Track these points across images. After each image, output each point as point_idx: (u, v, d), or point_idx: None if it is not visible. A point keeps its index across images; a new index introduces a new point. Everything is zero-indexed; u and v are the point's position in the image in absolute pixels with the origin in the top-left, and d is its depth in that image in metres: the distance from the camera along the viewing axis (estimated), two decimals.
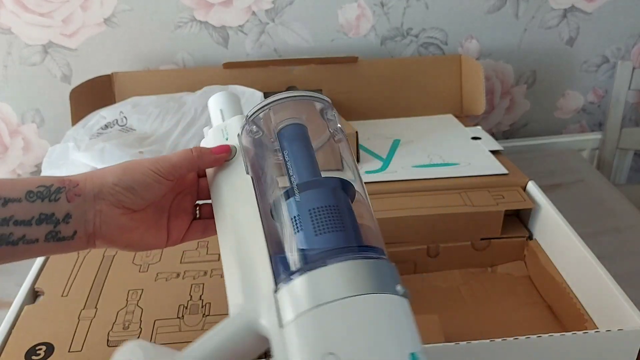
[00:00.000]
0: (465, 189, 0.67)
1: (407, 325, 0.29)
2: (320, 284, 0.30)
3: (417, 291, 0.63)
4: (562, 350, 0.46)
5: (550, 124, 1.04)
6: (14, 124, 0.93)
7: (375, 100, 0.90)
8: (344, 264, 0.30)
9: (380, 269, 0.31)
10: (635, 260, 0.67)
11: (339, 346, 0.27)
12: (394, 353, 0.27)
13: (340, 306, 0.28)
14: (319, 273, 0.30)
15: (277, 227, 0.34)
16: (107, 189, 0.36)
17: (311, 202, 0.33)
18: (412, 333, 0.29)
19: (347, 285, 0.29)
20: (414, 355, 0.27)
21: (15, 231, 0.32)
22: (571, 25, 0.95)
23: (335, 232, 0.32)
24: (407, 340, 0.28)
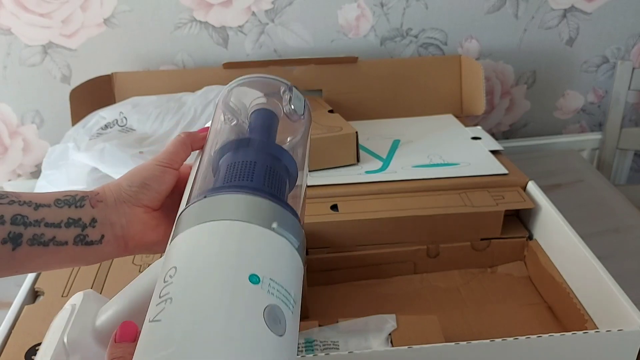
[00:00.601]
0: (465, 189, 0.67)
1: (262, 252, 0.29)
2: (192, 213, 0.31)
3: (416, 291, 0.63)
4: (562, 351, 0.46)
5: (550, 124, 1.04)
6: (13, 125, 0.93)
7: (375, 100, 0.90)
8: (222, 195, 0.32)
9: (260, 205, 0.32)
10: (635, 260, 0.67)
11: (182, 261, 0.28)
12: (229, 273, 0.27)
13: (195, 229, 0.30)
14: (206, 201, 0.32)
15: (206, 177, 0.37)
16: (124, 192, 0.39)
17: (235, 157, 0.36)
18: (265, 259, 0.29)
19: (211, 212, 0.31)
20: (254, 276, 0.27)
21: (46, 232, 0.35)
22: (571, 25, 0.95)
23: (244, 179, 0.34)
24: (253, 264, 0.28)
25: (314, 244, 0.62)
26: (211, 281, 0.27)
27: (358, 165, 0.72)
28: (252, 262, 0.28)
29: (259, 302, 0.26)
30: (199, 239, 0.30)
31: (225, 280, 0.27)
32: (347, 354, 0.44)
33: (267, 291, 0.27)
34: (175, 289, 0.27)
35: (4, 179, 0.96)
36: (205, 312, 0.25)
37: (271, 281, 0.27)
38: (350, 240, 0.63)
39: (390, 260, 0.64)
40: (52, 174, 0.68)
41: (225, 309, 0.25)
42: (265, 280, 0.27)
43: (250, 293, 0.26)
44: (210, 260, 0.28)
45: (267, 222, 0.30)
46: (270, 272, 0.28)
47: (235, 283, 0.26)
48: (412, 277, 0.65)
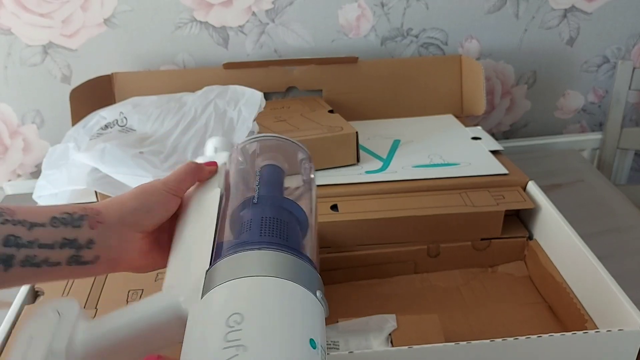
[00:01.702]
0: (465, 189, 0.67)
1: (315, 319, 0.31)
2: (244, 262, 0.32)
3: (417, 291, 0.63)
4: (562, 350, 0.46)
5: (550, 124, 1.04)
6: (14, 125, 0.93)
7: (375, 100, 0.90)
8: (272, 252, 0.33)
9: (305, 269, 0.34)
10: (635, 260, 0.67)
11: (246, 309, 0.29)
12: (297, 332, 0.29)
13: (256, 280, 0.31)
14: (246, 254, 0.33)
15: (229, 231, 0.38)
16: (129, 215, 0.38)
17: (266, 211, 0.37)
18: (318, 326, 0.31)
19: (268, 267, 0.32)
20: (312, 341, 0.29)
21: (38, 254, 0.34)
22: (571, 25, 0.94)
23: (276, 236, 0.35)
24: (312, 329, 0.30)
25: None
26: (283, 338, 0.29)
27: (358, 165, 0.72)
28: (312, 327, 0.30)
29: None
30: (262, 290, 0.31)
31: (295, 340, 0.29)
32: (347, 354, 0.44)
33: (320, 356, 0.29)
34: (248, 337, 0.28)
35: (4, 178, 0.96)
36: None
37: (321, 347, 0.30)
38: (351, 240, 0.63)
39: (391, 260, 0.64)
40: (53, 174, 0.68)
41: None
42: (319, 346, 0.29)
43: (310, 356, 0.29)
44: (281, 318, 0.30)
45: (313, 288, 0.32)
46: (322, 339, 0.30)
47: (302, 345, 0.29)
48: (413, 276, 0.65)
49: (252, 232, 0.36)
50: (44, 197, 0.67)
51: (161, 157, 0.65)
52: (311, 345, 0.29)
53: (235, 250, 0.34)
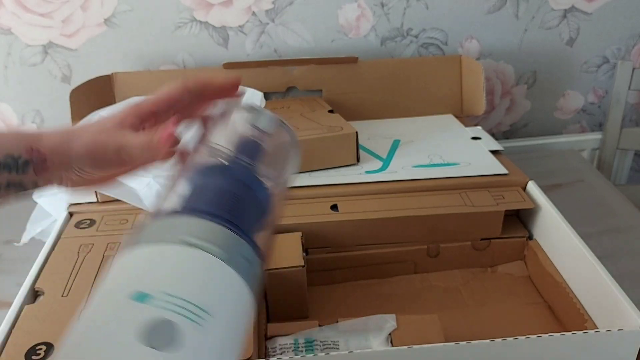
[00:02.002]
0: (465, 189, 0.67)
1: (160, 268, 0.28)
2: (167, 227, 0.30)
3: (417, 291, 0.63)
4: (562, 350, 0.46)
5: (550, 124, 1.04)
6: (14, 125, 0.93)
7: (375, 100, 0.90)
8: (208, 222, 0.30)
9: (244, 252, 0.31)
10: (635, 260, 0.67)
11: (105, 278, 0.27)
12: (112, 290, 0.27)
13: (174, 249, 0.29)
14: (173, 220, 0.31)
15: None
16: (75, 170, 0.37)
17: (225, 181, 0.34)
18: (161, 276, 0.27)
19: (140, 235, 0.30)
20: (140, 294, 0.25)
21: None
22: (571, 25, 0.95)
23: (225, 210, 0.32)
24: (145, 281, 0.26)
25: (314, 244, 0.62)
26: (96, 299, 0.26)
27: (358, 165, 0.72)
28: (142, 279, 0.27)
29: (138, 318, 0.24)
30: (119, 262, 0.29)
31: (103, 299, 0.26)
32: (347, 354, 0.44)
33: (156, 306, 0.25)
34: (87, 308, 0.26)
35: None
36: (84, 326, 0.25)
37: (167, 296, 0.26)
38: (350, 240, 0.63)
39: (391, 260, 0.64)
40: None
41: (97, 327, 0.25)
42: (157, 296, 0.25)
43: (129, 310, 0.25)
44: (106, 280, 0.27)
45: (176, 237, 0.29)
46: (168, 287, 0.26)
47: (112, 301, 0.26)
48: (413, 276, 0.65)
49: (197, 197, 0.33)
50: (44, 197, 0.67)
51: None
52: (134, 299, 0.25)
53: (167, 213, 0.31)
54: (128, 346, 0.23)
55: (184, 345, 0.24)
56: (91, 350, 0.24)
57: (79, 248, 0.60)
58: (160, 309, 0.25)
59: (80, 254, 0.59)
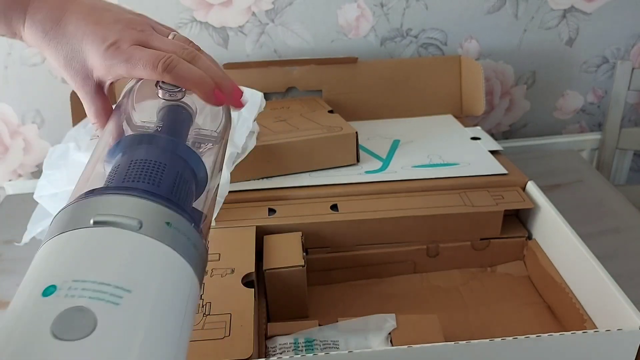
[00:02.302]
0: (464, 189, 0.67)
1: (68, 255, 0.26)
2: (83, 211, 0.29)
3: (416, 291, 0.63)
4: (561, 350, 0.46)
5: (549, 124, 1.04)
6: (14, 125, 0.93)
7: (375, 100, 0.90)
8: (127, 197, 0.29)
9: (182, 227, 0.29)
10: (634, 260, 0.67)
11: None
12: (29, 287, 0.25)
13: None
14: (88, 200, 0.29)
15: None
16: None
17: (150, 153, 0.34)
18: (69, 263, 0.26)
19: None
20: (50, 287, 0.24)
21: None
22: (571, 25, 0.95)
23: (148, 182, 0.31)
24: (55, 272, 0.25)
25: (314, 243, 0.62)
26: (12, 301, 0.25)
27: (358, 165, 0.72)
28: (51, 272, 0.25)
29: (49, 313, 0.23)
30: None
31: (18, 300, 0.25)
32: (347, 353, 0.44)
33: (64, 296, 0.24)
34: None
35: (4, 178, 0.96)
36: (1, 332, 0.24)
37: (74, 282, 0.24)
38: (350, 240, 0.63)
39: (390, 259, 0.65)
40: (53, 174, 0.68)
41: (13, 330, 0.24)
42: (63, 286, 0.24)
43: (40, 307, 0.24)
44: (25, 278, 0.26)
45: (87, 219, 0.27)
46: (75, 273, 0.25)
47: (26, 301, 0.25)
48: (412, 276, 0.65)
49: (116, 176, 0.32)
50: (44, 197, 0.67)
51: None
52: (44, 294, 0.24)
53: (85, 195, 0.29)
54: (44, 345, 0.22)
55: (98, 327, 0.23)
56: (9, 354, 0.22)
57: None
58: (69, 297, 0.24)
59: None
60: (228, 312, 0.49)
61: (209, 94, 0.37)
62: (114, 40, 0.37)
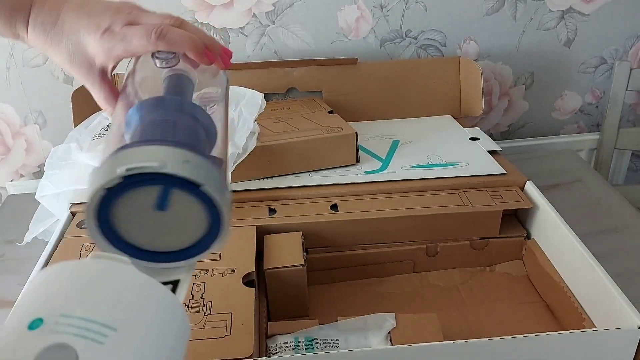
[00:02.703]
0: (463, 189, 0.67)
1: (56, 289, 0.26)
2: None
3: (416, 290, 0.64)
4: (560, 349, 0.46)
5: (548, 125, 1.05)
6: (16, 125, 0.93)
7: (374, 101, 0.90)
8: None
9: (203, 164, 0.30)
10: (633, 259, 0.67)
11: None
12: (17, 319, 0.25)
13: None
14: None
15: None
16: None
17: (160, 114, 0.36)
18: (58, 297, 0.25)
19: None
20: (37, 320, 0.24)
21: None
22: (569, 26, 0.95)
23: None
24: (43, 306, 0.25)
25: (314, 243, 0.63)
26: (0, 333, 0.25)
27: (358, 166, 0.72)
28: (39, 304, 0.25)
29: (33, 347, 0.23)
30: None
31: (6, 333, 0.24)
32: (347, 352, 0.44)
33: (49, 331, 0.23)
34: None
35: (6, 179, 0.97)
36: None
37: (61, 317, 0.24)
38: (350, 239, 0.64)
39: (390, 259, 0.65)
40: (55, 174, 0.68)
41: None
42: (49, 320, 0.24)
43: (25, 340, 0.23)
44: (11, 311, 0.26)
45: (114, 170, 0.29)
46: (63, 308, 0.24)
47: (13, 334, 0.24)
48: (412, 276, 0.66)
49: (132, 137, 0.34)
50: (46, 197, 0.68)
51: None
52: (30, 327, 0.23)
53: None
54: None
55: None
56: None
57: (82, 248, 0.60)
58: (54, 333, 0.23)
59: (83, 254, 0.59)
60: (229, 311, 0.49)
61: (200, 53, 0.40)
62: (107, 26, 0.40)
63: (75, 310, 0.24)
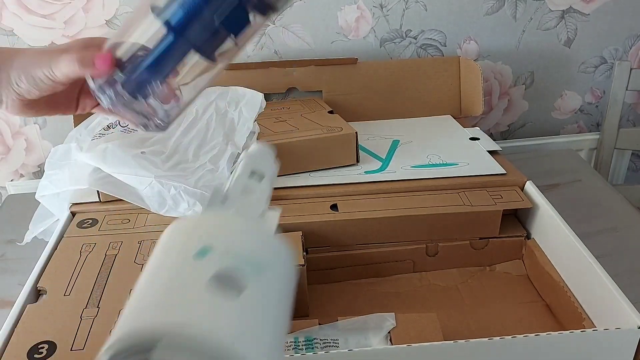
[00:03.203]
0: (463, 188, 0.67)
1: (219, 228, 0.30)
2: None
3: (416, 290, 0.64)
4: (560, 349, 0.46)
5: (548, 125, 1.05)
6: (16, 125, 0.93)
7: (374, 101, 0.90)
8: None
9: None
10: (632, 259, 0.67)
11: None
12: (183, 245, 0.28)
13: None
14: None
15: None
16: (13, 86, 0.41)
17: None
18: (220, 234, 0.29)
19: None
20: (204, 248, 0.27)
21: None
22: (569, 26, 0.95)
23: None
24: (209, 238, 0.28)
25: (314, 243, 0.63)
26: (160, 261, 0.28)
27: (358, 166, 0.72)
28: (207, 237, 0.28)
29: (204, 270, 0.26)
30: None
31: (169, 259, 0.28)
32: (347, 352, 0.44)
33: (217, 257, 0.27)
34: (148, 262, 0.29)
35: (6, 178, 0.97)
36: (154, 286, 0.26)
37: (228, 251, 0.28)
38: (350, 239, 0.64)
39: (390, 259, 0.65)
40: (55, 174, 0.68)
41: (168, 283, 0.26)
42: (216, 248, 0.27)
43: (195, 262, 0.27)
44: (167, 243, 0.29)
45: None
46: (227, 243, 0.28)
47: (178, 259, 0.28)
48: (411, 275, 0.66)
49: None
50: (46, 197, 0.68)
51: (163, 157, 0.66)
52: (199, 254, 0.27)
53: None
54: (198, 297, 0.25)
55: (243, 293, 0.26)
56: (164, 305, 0.25)
57: (81, 247, 0.60)
58: (223, 260, 0.27)
59: (83, 254, 0.60)
60: None
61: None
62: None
63: (236, 247, 0.28)
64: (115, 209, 0.67)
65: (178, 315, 0.24)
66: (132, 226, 0.64)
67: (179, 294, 0.25)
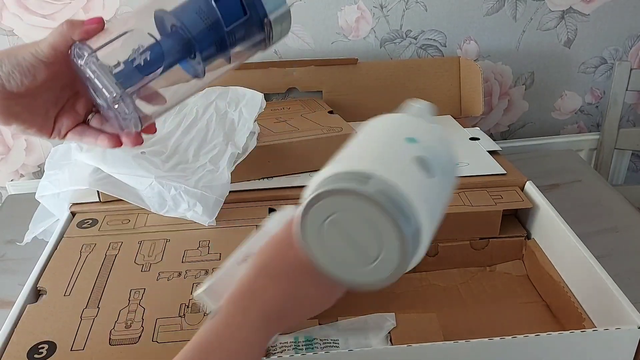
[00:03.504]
0: (464, 189, 0.67)
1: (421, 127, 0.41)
2: None
3: (416, 290, 0.64)
4: (560, 349, 0.46)
5: (548, 125, 1.05)
6: None
7: (374, 101, 0.91)
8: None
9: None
10: (632, 259, 0.67)
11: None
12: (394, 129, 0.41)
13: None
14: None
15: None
16: (1, 75, 0.38)
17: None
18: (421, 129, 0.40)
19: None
20: (411, 139, 0.37)
21: None
22: (569, 27, 0.95)
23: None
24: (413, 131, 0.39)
25: None
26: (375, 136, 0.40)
27: None
28: (414, 131, 0.38)
29: (411, 150, 0.35)
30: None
31: (385, 137, 0.39)
32: (347, 352, 0.44)
33: (422, 147, 0.36)
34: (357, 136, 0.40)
35: (6, 179, 0.97)
36: (369, 147, 0.39)
37: (430, 144, 0.37)
38: None
39: None
40: (55, 174, 0.68)
41: (383, 148, 0.37)
42: (421, 142, 0.37)
43: (406, 143, 0.36)
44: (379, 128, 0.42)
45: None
46: (430, 140, 0.38)
47: (392, 138, 0.38)
48: (412, 275, 0.66)
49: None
50: (46, 197, 0.68)
51: (163, 158, 0.66)
52: (407, 140, 0.37)
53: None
54: (405, 164, 0.34)
55: (435, 177, 0.35)
56: (379, 159, 0.35)
57: (81, 247, 0.60)
58: (425, 149, 0.36)
59: (83, 254, 0.60)
60: None
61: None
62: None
63: (433, 143, 0.38)
64: (115, 209, 0.67)
65: (388, 167, 0.33)
66: (132, 226, 0.64)
67: (391, 157, 0.35)
